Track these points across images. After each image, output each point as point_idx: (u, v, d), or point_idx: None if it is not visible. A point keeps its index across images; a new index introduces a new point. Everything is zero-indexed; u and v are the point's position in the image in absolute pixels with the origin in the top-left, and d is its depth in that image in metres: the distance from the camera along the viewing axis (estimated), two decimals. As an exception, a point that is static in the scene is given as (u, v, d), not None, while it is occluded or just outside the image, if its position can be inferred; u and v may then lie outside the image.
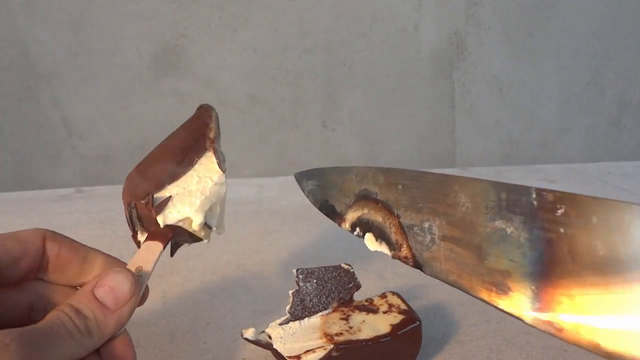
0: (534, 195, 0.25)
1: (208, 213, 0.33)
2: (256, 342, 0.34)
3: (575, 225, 0.23)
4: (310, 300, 0.36)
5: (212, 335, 0.39)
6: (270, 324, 0.35)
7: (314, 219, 0.64)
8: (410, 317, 0.34)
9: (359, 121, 0.91)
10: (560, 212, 0.24)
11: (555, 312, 0.24)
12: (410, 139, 0.94)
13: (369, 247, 0.34)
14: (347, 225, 0.36)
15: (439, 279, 0.30)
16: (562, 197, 0.24)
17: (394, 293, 0.37)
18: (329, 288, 0.36)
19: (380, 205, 0.34)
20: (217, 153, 0.33)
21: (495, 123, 0.96)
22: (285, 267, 0.50)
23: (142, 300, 0.27)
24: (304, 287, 0.36)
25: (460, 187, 0.28)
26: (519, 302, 0.25)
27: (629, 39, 0.96)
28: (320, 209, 0.39)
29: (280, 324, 0.35)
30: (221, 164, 0.34)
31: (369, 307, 0.36)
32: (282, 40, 0.84)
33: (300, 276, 0.36)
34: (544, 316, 0.24)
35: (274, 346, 0.33)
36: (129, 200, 0.30)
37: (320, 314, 0.36)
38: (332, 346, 0.32)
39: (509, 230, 0.26)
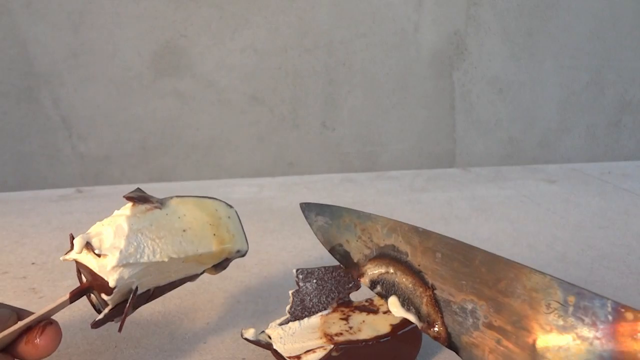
0: (609, 309, 0.22)
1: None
2: (256, 342, 0.34)
3: None
4: (310, 300, 0.36)
5: (212, 335, 0.39)
6: (270, 324, 0.35)
7: (314, 219, 0.64)
8: None
9: (359, 121, 0.91)
10: None
11: None
12: (410, 139, 0.94)
13: (393, 311, 0.30)
14: (365, 280, 0.32)
15: None
16: None
17: None
18: (329, 288, 0.36)
19: (410, 269, 0.30)
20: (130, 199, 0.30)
21: (495, 123, 0.96)
22: (285, 267, 0.50)
23: (46, 343, 0.27)
24: (304, 287, 0.36)
25: (515, 275, 0.25)
26: None
27: (629, 39, 0.96)
28: (332, 252, 0.35)
29: (280, 324, 0.35)
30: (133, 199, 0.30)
31: (369, 307, 0.36)
32: (282, 40, 0.84)
33: (300, 276, 0.36)
34: None
35: (274, 346, 0.33)
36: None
37: (320, 314, 0.36)
38: (332, 346, 0.32)
39: (573, 339, 0.23)
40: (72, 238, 0.29)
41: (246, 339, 0.34)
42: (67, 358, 0.36)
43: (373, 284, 0.32)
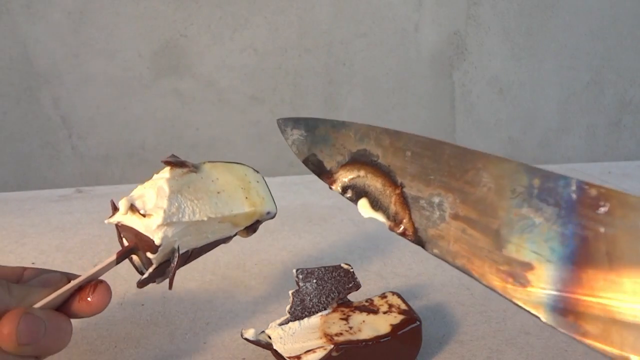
0: (573, 188, 0.22)
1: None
2: (256, 343, 0.34)
3: (618, 226, 0.21)
4: (310, 300, 0.36)
5: (212, 335, 0.39)
6: (270, 325, 0.35)
7: (314, 219, 0.64)
8: (410, 317, 0.34)
9: (359, 121, 0.90)
10: (603, 209, 0.21)
11: (582, 316, 0.21)
12: (410, 139, 0.93)
13: (362, 213, 0.31)
14: (337, 186, 0.32)
15: (444, 260, 0.27)
16: (607, 194, 0.21)
17: (394, 293, 0.37)
18: (329, 288, 0.36)
19: (380, 170, 0.30)
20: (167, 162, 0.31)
21: (495, 123, 0.96)
22: (285, 267, 0.50)
23: (98, 301, 0.29)
24: (304, 287, 0.36)
25: (483, 165, 0.25)
26: (538, 299, 0.23)
27: (629, 39, 0.96)
28: (305, 162, 0.35)
29: (280, 324, 0.35)
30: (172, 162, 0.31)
31: (369, 308, 0.36)
32: (282, 40, 0.84)
33: (300, 276, 0.36)
34: (567, 318, 0.22)
35: (274, 347, 0.33)
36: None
37: (320, 314, 0.36)
38: (332, 346, 0.32)
39: (537, 220, 0.23)
40: (114, 203, 0.31)
41: (246, 339, 0.34)
42: (67, 358, 0.36)
43: (344, 190, 0.32)
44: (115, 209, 0.31)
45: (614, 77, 0.97)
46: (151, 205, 0.29)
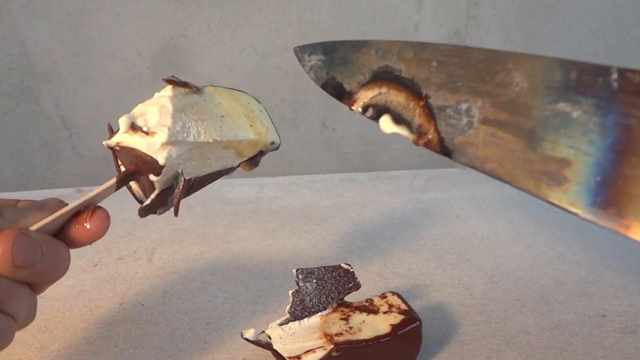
0: (614, 76, 0.21)
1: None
2: (256, 343, 0.34)
3: None
4: (310, 300, 0.36)
5: (212, 335, 0.39)
6: (270, 325, 0.35)
7: (314, 219, 0.64)
8: (410, 317, 0.34)
9: (359, 121, 0.91)
10: None
11: (625, 208, 0.20)
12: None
13: (384, 129, 0.30)
14: (358, 106, 0.30)
15: (472, 167, 0.26)
16: None
17: (394, 293, 0.37)
18: (329, 288, 0.36)
19: (403, 84, 0.29)
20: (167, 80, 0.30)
21: (495, 123, 0.96)
22: (285, 267, 0.50)
23: (96, 225, 0.28)
24: (304, 287, 0.36)
25: (514, 64, 0.24)
26: (576, 195, 0.22)
27: (629, 39, 0.96)
28: (324, 86, 0.33)
29: (280, 324, 0.35)
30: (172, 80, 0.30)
31: (369, 308, 0.36)
32: (282, 40, 0.84)
33: (300, 276, 0.36)
34: (609, 211, 0.21)
35: (274, 347, 0.33)
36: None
37: (320, 314, 0.36)
38: (332, 346, 0.32)
39: (574, 114, 0.22)
40: (110, 126, 0.29)
41: (246, 339, 0.34)
42: (67, 358, 0.36)
43: (365, 109, 0.31)
44: (112, 131, 0.29)
45: (614, 77, 0.97)
46: (154, 123, 0.27)
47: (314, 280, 0.36)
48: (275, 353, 0.33)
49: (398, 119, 0.29)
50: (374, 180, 0.84)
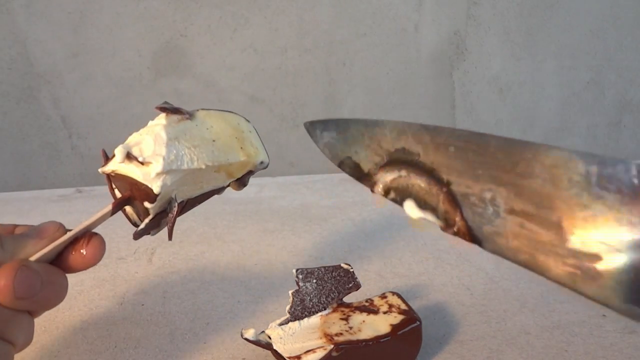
0: (634, 172, 0.21)
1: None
2: (256, 343, 0.34)
3: None
4: (310, 300, 0.36)
5: (212, 335, 0.39)
6: (270, 325, 0.35)
7: (314, 219, 0.64)
8: (410, 318, 0.34)
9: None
10: None
11: None
12: (410, 139, 0.93)
13: (410, 214, 0.29)
14: (378, 189, 0.31)
15: (505, 258, 0.25)
16: None
17: (394, 293, 0.37)
18: (329, 288, 0.36)
19: (423, 168, 0.29)
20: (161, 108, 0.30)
21: (495, 123, 0.96)
22: (285, 267, 0.50)
23: (92, 253, 0.28)
24: (304, 287, 0.36)
25: (533, 155, 0.24)
26: (611, 290, 0.22)
27: (629, 38, 0.96)
28: (341, 166, 0.33)
29: (280, 324, 0.35)
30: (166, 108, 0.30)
31: (369, 308, 0.36)
32: (282, 40, 0.84)
33: (300, 276, 0.36)
34: None
35: (274, 347, 0.33)
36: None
37: (320, 314, 0.36)
38: (332, 346, 0.32)
39: (599, 209, 0.22)
40: (105, 152, 0.30)
41: (246, 339, 0.34)
42: (67, 358, 0.36)
43: (386, 192, 0.31)
44: (107, 157, 0.29)
45: (614, 77, 0.97)
46: (149, 153, 0.28)
47: (314, 281, 0.36)
48: (275, 353, 0.33)
49: (423, 204, 0.29)
50: (374, 180, 0.84)
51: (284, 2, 0.83)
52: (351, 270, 0.37)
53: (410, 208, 0.29)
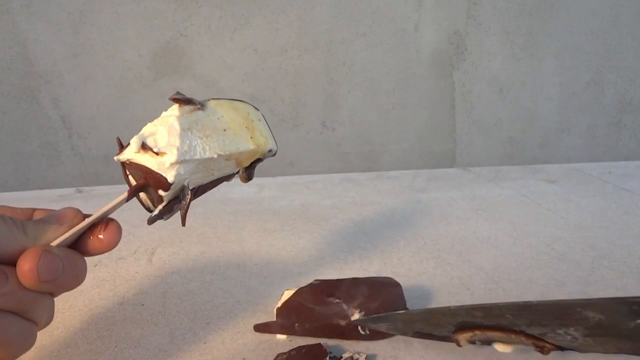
0: None
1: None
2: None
3: None
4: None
5: (212, 335, 0.39)
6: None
7: (314, 219, 0.64)
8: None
9: (359, 121, 0.91)
10: None
11: None
12: (410, 139, 0.94)
13: (502, 351, 0.34)
14: (463, 343, 0.34)
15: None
16: None
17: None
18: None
19: (493, 328, 0.33)
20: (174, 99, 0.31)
21: (495, 123, 0.96)
22: (285, 267, 0.50)
23: (109, 238, 0.30)
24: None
25: (582, 307, 0.29)
26: None
27: (629, 38, 0.96)
28: (415, 336, 0.37)
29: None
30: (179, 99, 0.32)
31: None
32: (282, 40, 0.84)
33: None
34: None
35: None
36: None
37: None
38: None
39: None
40: (120, 140, 0.31)
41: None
42: (67, 358, 0.36)
43: (472, 343, 0.34)
44: (122, 146, 0.30)
45: (614, 77, 0.97)
46: (164, 144, 0.29)
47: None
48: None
49: (509, 342, 0.33)
50: (374, 180, 0.84)
51: (284, 2, 0.83)
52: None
53: (500, 347, 0.34)
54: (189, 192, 0.31)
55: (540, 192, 0.76)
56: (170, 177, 0.29)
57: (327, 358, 0.34)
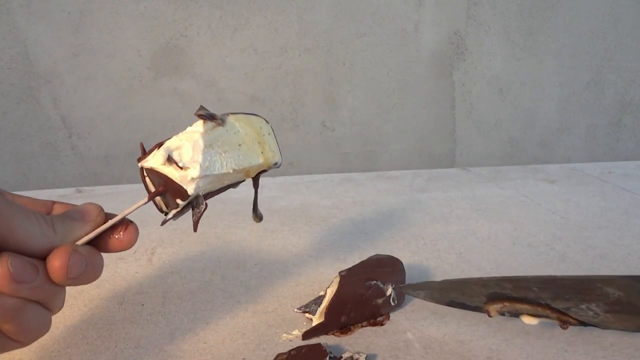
0: None
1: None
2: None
3: None
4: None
5: (212, 335, 0.39)
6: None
7: (314, 219, 0.64)
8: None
9: (359, 121, 0.91)
10: None
11: None
12: (410, 139, 0.94)
13: (529, 323, 0.37)
14: (493, 314, 0.38)
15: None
16: None
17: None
18: None
19: (520, 300, 0.35)
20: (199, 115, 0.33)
21: (495, 123, 0.96)
22: (285, 267, 0.50)
23: (128, 238, 0.32)
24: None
25: (602, 283, 0.32)
26: None
27: (629, 38, 0.96)
28: (450, 304, 0.41)
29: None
30: (204, 116, 0.33)
31: None
32: (282, 40, 0.84)
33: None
34: None
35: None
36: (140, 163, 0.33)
37: None
38: None
39: None
40: (143, 146, 0.33)
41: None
42: (67, 358, 0.36)
43: (501, 314, 0.38)
44: (144, 152, 0.33)
45: (614, 77, 0.97)
46: (188, 159, 0.32)
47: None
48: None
49: (536, 315, 0.36)
50: (374, 180, 0.84)
51: (284, 2, 0.83)
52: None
53: (527, 320, 0.37)
54: (204, 202, 0.33)
55: (540, 192, 0.76)
56: (190, 189, 0.32)
57: (327, 358, 0.34)
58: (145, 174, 0.33)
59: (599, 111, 0.99)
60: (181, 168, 0.32)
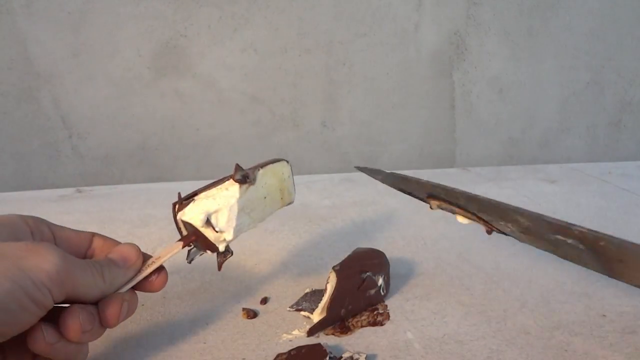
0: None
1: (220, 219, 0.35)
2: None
3: None
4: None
5: (212, 335, 0.39)
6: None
7: (314, 219, 0.64)
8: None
9: (359, 121, 0.91)
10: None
11: None
12: (410, 139, 0.94)
13: (461, 221, 0.42)
14: (434, 207, 0.43)
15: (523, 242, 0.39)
16: None
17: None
18: None
19: (453, 203, 0.41)
20: (237, 173, 0.35)
21: (495, 123, 0.96)
22: (285, 267, 0.50)
23: (160, 282, 0.35)
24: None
25: (514, 212, 0.37)
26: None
27: (629, 38, 0.96)
28: (401, 191, 0.46)
29: None
30: (240, 179, 0.35)
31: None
32: (282, 40, 0.84)
33: None
34: None
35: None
36: (174, 206, 0.36)
37: None
38: None
39: (569, 241, 0.36)
40: (180, 195, 0.35)
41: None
42: (67, 358, 0.36)
43: (441, 209, 0.42)
44: (181, 201, 0.35)
45: (614, 77, 0.97)
46: (223, 224, 0.35)
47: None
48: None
49: (467, 217, 0.41)
50: (374, 180, 0.84)
51: (284, 2, 0.83)
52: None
53: (460, 219, 0.42)
54: (230, 250, 0.37)
55: (540, 192, 0.76)
56: (221, 247, 0.36)
57: (327, 358, 0.34)
58: (179, 221, 0.35)
59: (599, 111, 0.99)
60: (217, 232, 0.35)
